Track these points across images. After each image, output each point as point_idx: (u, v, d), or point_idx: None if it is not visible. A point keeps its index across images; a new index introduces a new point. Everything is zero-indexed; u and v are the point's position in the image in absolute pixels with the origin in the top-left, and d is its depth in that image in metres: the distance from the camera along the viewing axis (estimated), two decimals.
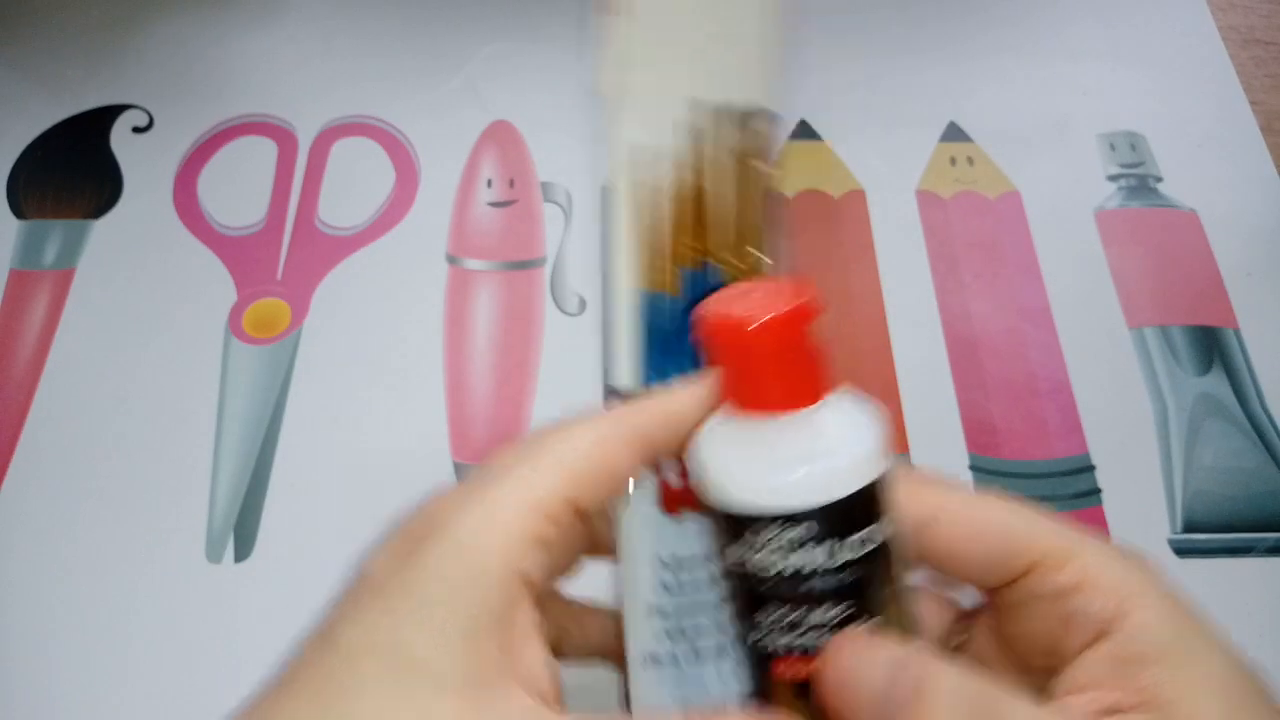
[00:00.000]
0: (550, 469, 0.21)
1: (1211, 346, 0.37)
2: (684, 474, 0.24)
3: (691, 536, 0.25)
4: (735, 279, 0.26)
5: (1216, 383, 0.37)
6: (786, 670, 0.21)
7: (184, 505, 0.34)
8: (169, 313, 0.37)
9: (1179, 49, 0.45)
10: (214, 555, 0.33)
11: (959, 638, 0.24)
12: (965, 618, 0.24)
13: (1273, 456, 0.35)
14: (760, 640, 0.21)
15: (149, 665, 0.31)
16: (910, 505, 0.22)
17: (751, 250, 0.27)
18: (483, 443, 0.35)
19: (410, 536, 0.22)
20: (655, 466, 0.24)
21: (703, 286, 0.26)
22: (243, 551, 0.33)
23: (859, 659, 0.20)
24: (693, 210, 0.27)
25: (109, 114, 0.42)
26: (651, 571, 0.25)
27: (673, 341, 0.26)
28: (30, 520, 0.33)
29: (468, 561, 0.20)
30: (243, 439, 0.35)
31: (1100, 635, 0.21)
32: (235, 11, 0.46)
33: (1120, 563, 0.21)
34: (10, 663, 0.31)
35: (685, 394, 0.23)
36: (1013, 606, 0.23)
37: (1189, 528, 0.34)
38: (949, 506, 0.23)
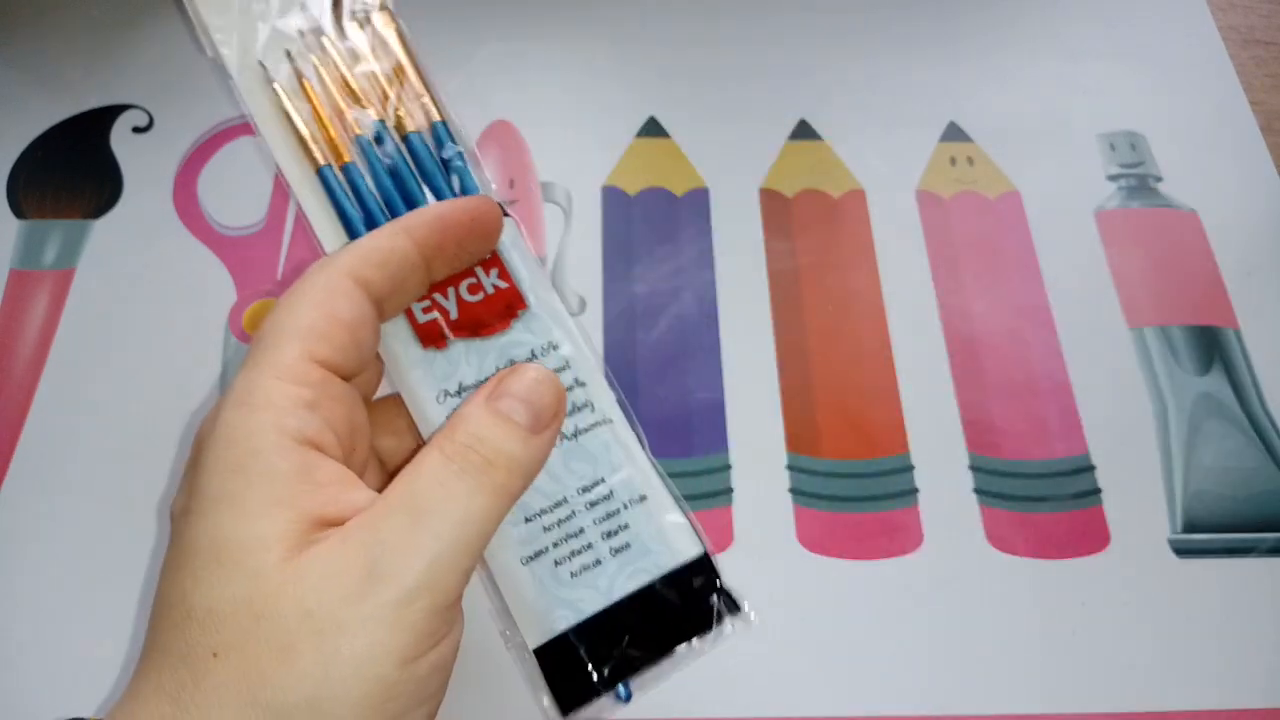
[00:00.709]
0: (282, 339, 0.23)
1: (1212, 346, 0.37)
2: (430, 308, 0.26)
3: (464, 362, 0.26)
4: (416, 129, 0.28)
5: (1217, 383, 0.36)
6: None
7: None
8: (169, 313, 0.37)
9: (1179, 49, 0.45)
10: None
11: None
12: None
13: (1273, 456, 0.35)
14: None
15: None
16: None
17: (419, 93, 0.28)
18: None
19: (190, 463, 0.23)
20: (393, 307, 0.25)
21: (381, 140, 0.27)
22: None
23: None
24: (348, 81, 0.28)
25: (109, 114, 0.42)
26: (443, 407, 0.26)
27: (380, 206, 0.27)
28: (30, 520, 0.33)
29: (238, 446, 0.21)
30: None
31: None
32: None
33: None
34: (9, 662, 0.31)
35: (384, 230, 0.24)
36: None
37: (1189, 528, 0.34)
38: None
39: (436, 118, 0.28)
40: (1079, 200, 0.41)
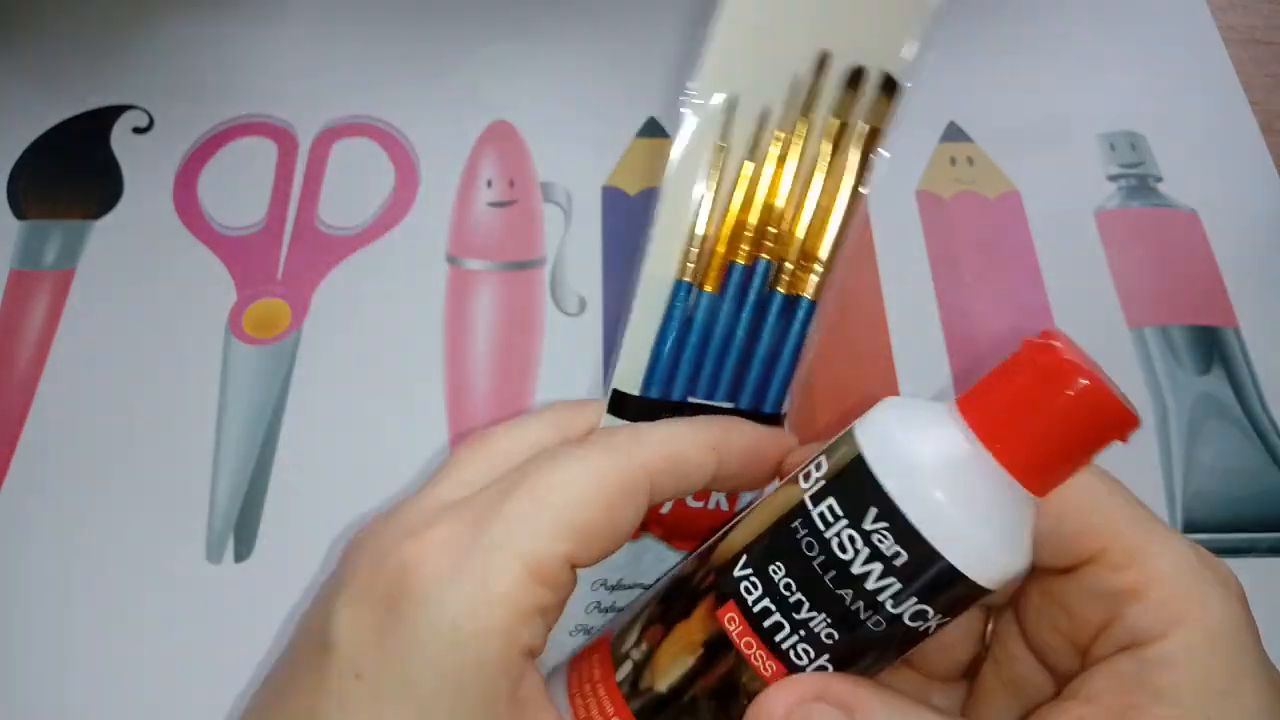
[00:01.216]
0: (550, 527, 0.19)
1: (1211, 346, 0.37)
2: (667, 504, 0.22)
3: (641, 560, 0.23)
4: (787, 289, 0.23)
5: (1216, 382, 0.36)
6: (728, 619, 0.19)
7: (184, 505, 0.34)
8: (169, 313, 0.37)
9: (1179, 49, 0.45)
10: (214, 555, 0.33)
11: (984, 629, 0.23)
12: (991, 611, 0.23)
13: (1273, 456, 0.35)
14: (738, 577, 0.19)
15: (148, 665, 0.31)
16: None
17: (818, 259, 0.23)
18: None
19: (384, 601, 0.19)
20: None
21: (747, 289, 0.23)
22: (243, 551, 0.33)
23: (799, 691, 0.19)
24: (768, 191, 0.23)
25: (109, 114, 0.42)
26: (586, 590, 0.23)
27: (698, 346, 0.23)
28: (30, 520, 0.33)
29: (466, 649, 0.18)
30: (243, 439, 0.35)
31: (1129, 647, 0.19)
32: (235, 12, 0.46)
33: (1188, 578, 0.19)
34: (9, 663, 0.31)
35: (695, 437, 0.21)
36: (1055, 595, 0.21)
37: (1189, 528, 0.34)
38: None
39: (812, 297, 0.24)
40: (1079, 200, 0.41)
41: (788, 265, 0.24)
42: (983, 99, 0.43)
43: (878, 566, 0.18)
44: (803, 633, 0.19)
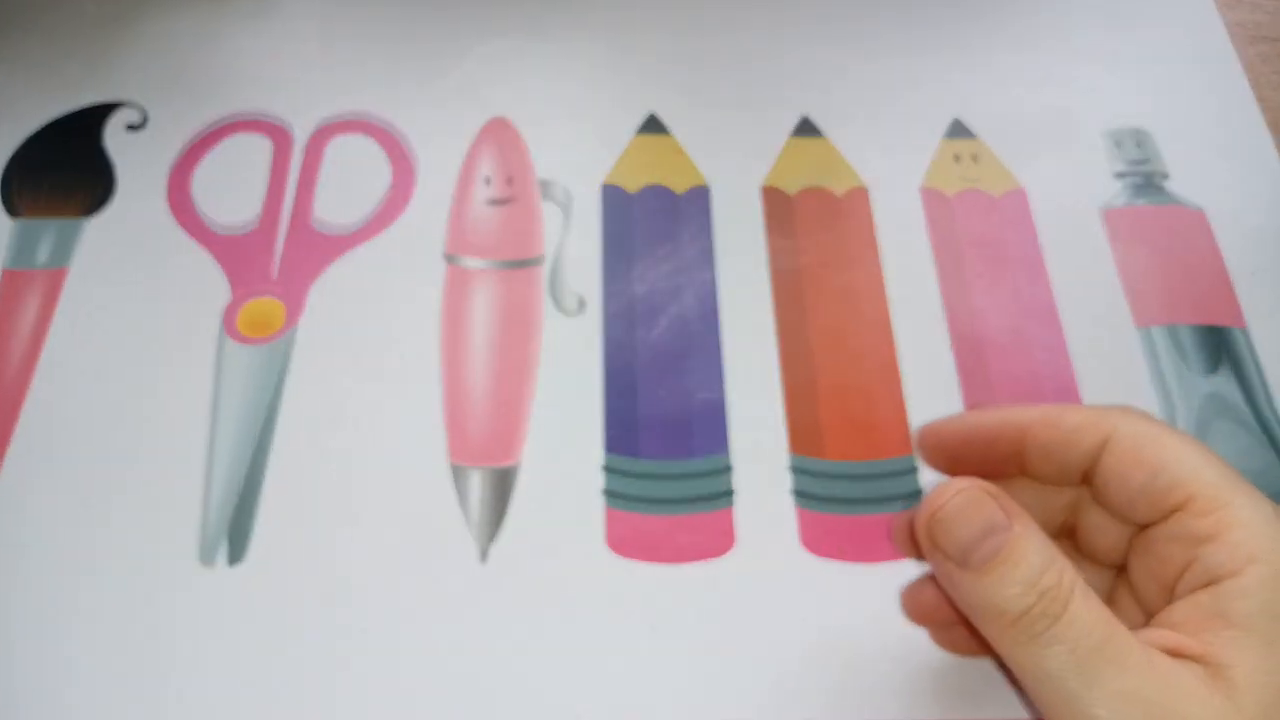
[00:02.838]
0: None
1: (1219, 346, 0.37)
2: None
3: None
4: None
5: (1224, 382, 0.36)
6: None
7: (177, 507, 0.33)
8: (162, 312, 0.37)
9: (1186, 46, 0.45)
10: (207, 558, 0.33)
11: None
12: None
13: None
14: None
15: (139, 668, 0.31)
16: (1092, 421, 0.24)
17: None
18: (480, 444, 0.35)
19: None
20: None
21: None
22: (236, 554, 0.33)
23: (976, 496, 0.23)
24: None
25: (102, 111, 0.42)
26: None
27: None
28: (22, 521, 0.33)
29: None
30: (236, 440, 0.35)
31: (1208, 584, 0.22)
32: (230, 9, 0.46)
33: (1262, 524, 0.22)
34: (2, 665, 0.31)
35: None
36: (1149, 543, 0.24)
37: None
38: (1122, 428, 0.24)
39: None
40: (1085, 197, 0.41)
41: None
42: (987, 96, 0.43)
43: None
44: None
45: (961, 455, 0.26)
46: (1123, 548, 0.26)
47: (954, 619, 0.28)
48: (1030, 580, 0.22)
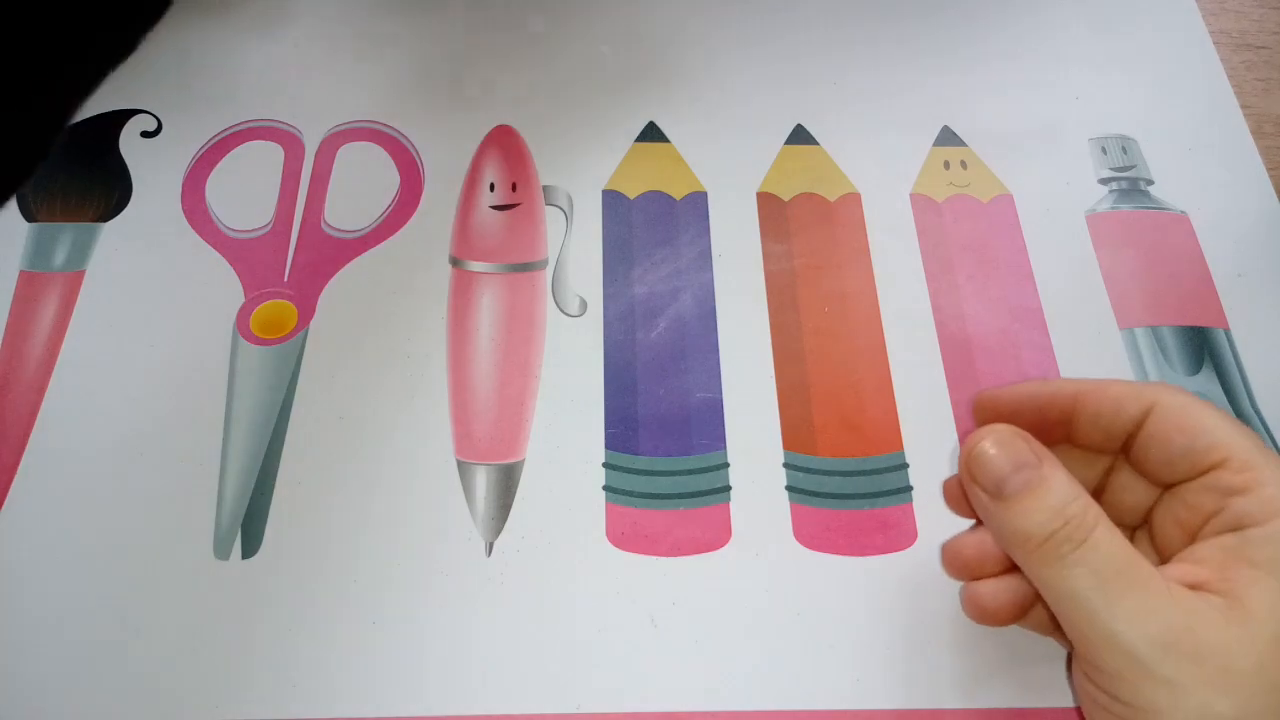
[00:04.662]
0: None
1: (1202, 347, 0.38)
2: None
3: None
4: None
5: (1207, 383, 0.37)
6: None
7: (192, 503, 0.34)
8: (177, 314, 0.38)
9: (1171, 54, 0.46)
10: (221, 553, 0.33)
11: None
12: None
13: None
14: None
15: (156, 661, 0.31)
16: (1135, 392, 0.27)
17: None
18: (485, 442, 0.35)
19: None
20: None
21: None
22: (250, 549, 0.33)
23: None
24: None
25: (118, 119, 0.43)
26: None
27: None
28: (40, 518, 0.34)
29: None
30: (250, 438, 0.35)
31: (1234, 529, 0.24)
32: (242, 19, 0.46)
33: None
34: (18, 660, 0.31)
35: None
36: (1180, 494, 0.26)
37: None
38: (1165, 399, 0.26)
39: None
40: (1071, 203, 0.41)
41: None
42: (976, 103, 0.44)
43: None
44: None
45: (1012, 421, 0.28)
46: (1145, 507, 0.28)
47: (989, 571, 0.30)
48: (1057, 508, 0.24)
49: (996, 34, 0.46)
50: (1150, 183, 0.42)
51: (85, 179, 0.41)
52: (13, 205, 0.41)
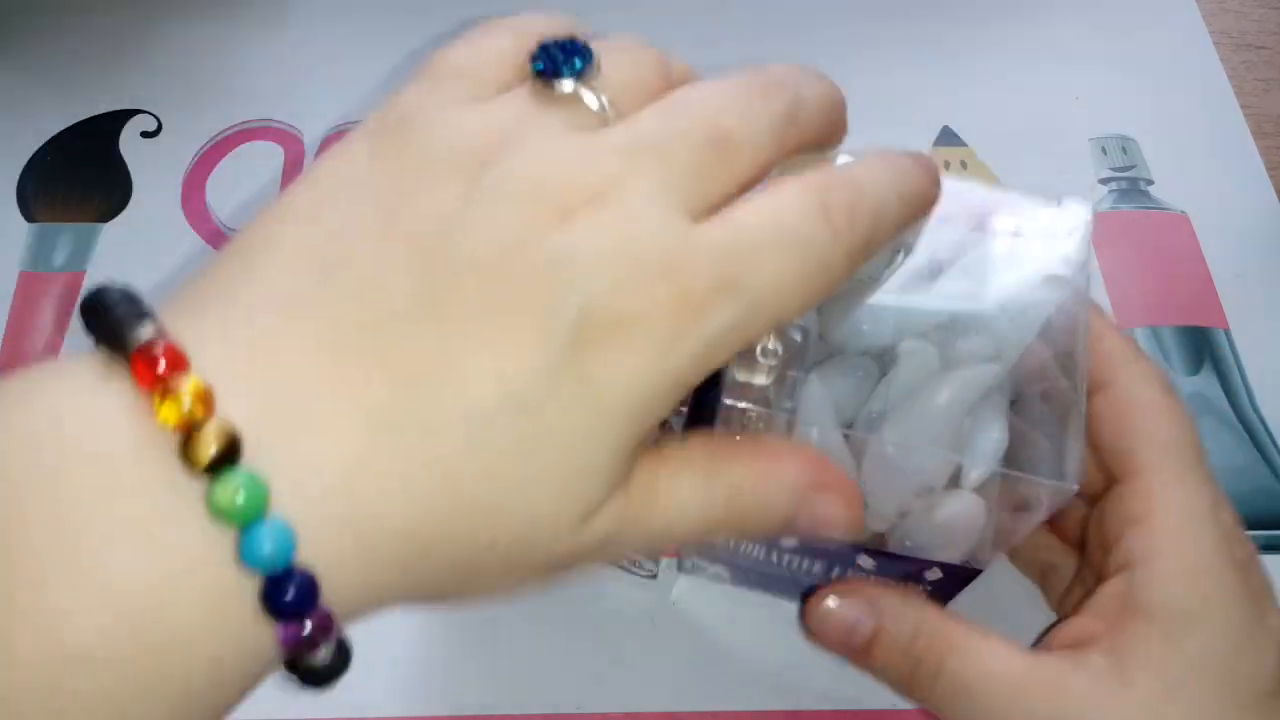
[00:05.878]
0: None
1: (1202, 347, 0.38)
2: None
3: None
4: None
5: (1207, 382, 0.37)
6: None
7: None
8: None
9: (1171, 54, 0.46)
10: None
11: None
12: None
13: (1263, 455, 0.35)
14: None
15: None
16: (1103, 364, 0.24)
17: None
18: None
19: None
20: None
21: None
22: None
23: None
24: None
25: (118, 119, 0.43)
26: None
27: None
28: None
29: None
30: None
31: (1122, 567, 0.23)
32: (242, 19, 0.46)
33: (1193, 516, 0.22)
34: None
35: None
36: (1099, 509, 0.24)
37: None
38: (1123, 380, 0.24)
39: None
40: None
41: None
42: (976, 104, 0.44)
43: None
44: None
45: None
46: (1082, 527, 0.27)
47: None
48: (904, 650, 0.24)
49: (997, 34, 0.46)
50: (1150, 183, 0.42)
51: (85, 179, 0.41)
52: (13, 205, 0.41)
